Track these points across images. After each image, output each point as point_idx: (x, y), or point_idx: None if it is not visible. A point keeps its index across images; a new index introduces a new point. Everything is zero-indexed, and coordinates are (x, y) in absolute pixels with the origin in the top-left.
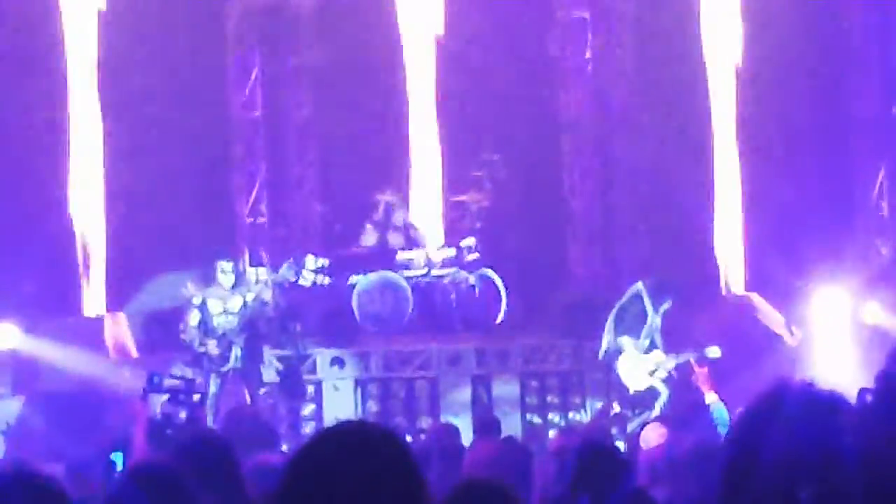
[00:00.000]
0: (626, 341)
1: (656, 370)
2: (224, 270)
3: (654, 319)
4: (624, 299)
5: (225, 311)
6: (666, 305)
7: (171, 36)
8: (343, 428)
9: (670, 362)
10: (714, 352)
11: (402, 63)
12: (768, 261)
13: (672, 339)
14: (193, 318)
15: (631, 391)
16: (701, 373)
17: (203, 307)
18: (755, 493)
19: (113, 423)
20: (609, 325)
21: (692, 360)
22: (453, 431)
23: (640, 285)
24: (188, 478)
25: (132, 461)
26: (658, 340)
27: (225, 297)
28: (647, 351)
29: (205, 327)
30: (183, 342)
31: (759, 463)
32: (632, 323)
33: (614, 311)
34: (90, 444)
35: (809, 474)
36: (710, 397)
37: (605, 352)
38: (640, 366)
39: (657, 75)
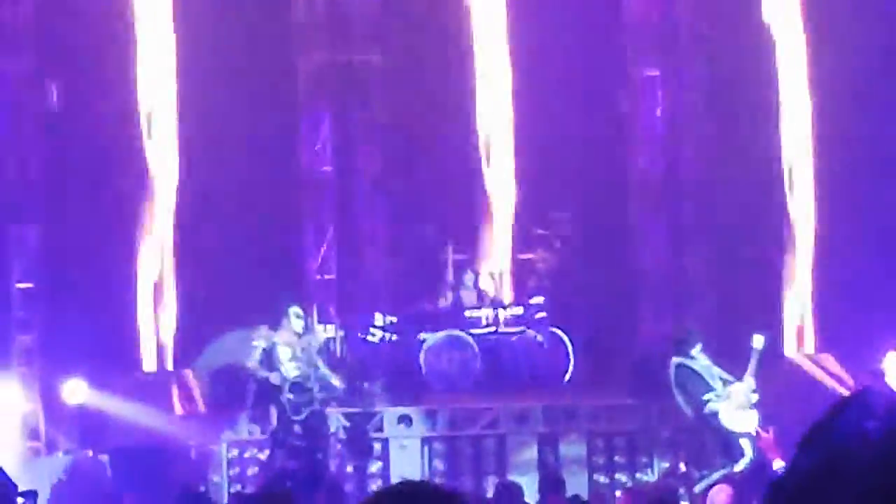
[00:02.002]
0: (711, 403)
1: (747, 398)
2: (298, 315)
3: (701, 364)
4: (672, 382)
5: (294, 357)
6: (697, 348)
7: (245, 91)
8: (401, 488)
9: (749, 382)
10: (758, 340)
11: (472, 120)
12: (840, 322)
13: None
14: (255, 357)
15: (753, 431)
16: (766, 439)
17: (273, 352)
18: None
19: (178, 477)
20: (686, 409)
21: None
22: (517, 490)
23: (672, 363)
24: None
25: None
26: (723, 374)
27: (293, 343)
28: (726, 389)
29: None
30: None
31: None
32: (696, 387)
33: (676, 394)
34: (156, 498)
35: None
36: (778, 464)
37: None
38: (736, 407)
39: (728, 133)
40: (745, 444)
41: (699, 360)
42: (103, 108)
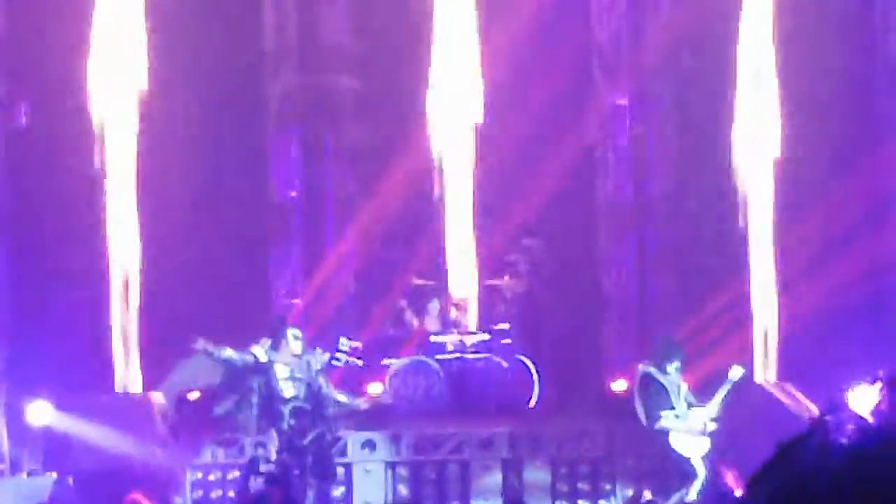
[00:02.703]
0: (665, 420)
1: (706, 427)
2: (296, 336)
3: (672, 381)
4: (636, 387)
5: (291, 377)
6: (675, 364)
7: (214, 113)
8: None
9: (713, 410)
10: (736, 371)
11: (438, 146)
12: (803, 350)
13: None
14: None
15: (694, 461)
16: (729, 474)
17: (270, 370)
18: None
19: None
20: (641, 416)
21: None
22: None
23: (640, 367)
24: None
25: None
26: (692, 398)
27: (291, 364)
28: (688, 411)
29: (269, 389)
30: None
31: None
32: (657, 400)
33: (636, 400)
34: None
35: None
36: (739, 492)
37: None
38: (690, 431)
39: (695, 161)
40: (696, 464)
41: (671, 376)
42: (71, 130)
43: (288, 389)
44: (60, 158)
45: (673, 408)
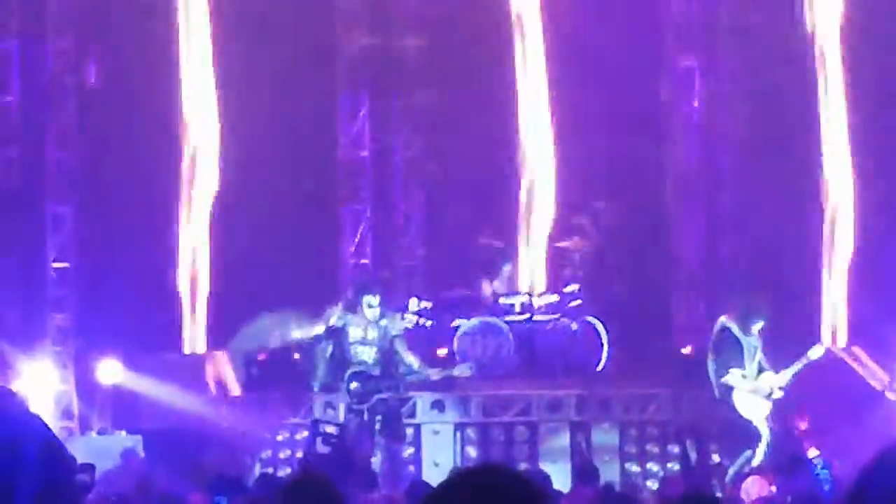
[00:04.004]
0: (732, 377)
1: (772, 392)
2: (371, 304)
3: (750, 342)
4: (713, 338)
5: (362, 341)
6: (759, 325)
7: (284, 75)
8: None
9: (784, 378)
10: (817, 351)
11: (511, 107)
12: (875, 315)
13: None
14: (326, 336)
15: (755, 422)
16: (802, 426)
17: (343, 331)
18: None
19: (211, 460)
20: (710, 367)
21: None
22: (545, 479)
23: (722, 319)
24: None
25: None
26: (764, 362)
27: (365, 326)
28: (758, 375)
29: (340, 352)
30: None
31: None
32: (730, 357)
33: (709, 352)
34: (191, 481)
35: None
36: (812, 452)
37: (718, 393)
38: (756, 393)
39: (766, 124)
40: (760, 426)
41: (751, 337)
42: (142, 88)
43: (359, 353)
44: (131, 118)
45: (743, 367)
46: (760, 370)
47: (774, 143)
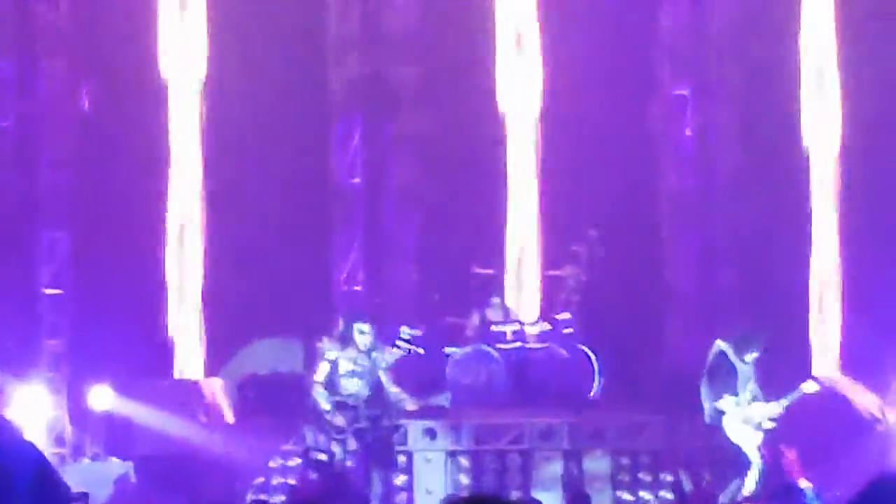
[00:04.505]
0: (724, 402)
1: (762, 421)
2: (363, 332)
3: (744, 370)
4: (709, 363)
5: (352, 373)
6: (754, 354)
7: (277, 101)
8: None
9: (775, 409)
10: (810, 386)
11: (501, 134)
12: (864, 343)
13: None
14: (321, 373)
15: (744, 449)
16: (790, 460)
17: (334, 364)
18: None
19: (203, 486)
20: (703, 391)
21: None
22: None
23: (719, 343)
24: None
25: None
26: (757, 391)
27: (355, 358)
28: (750, 403)
29: (329, 385)
30: (311, 398)
31: None
32: (724, 382)
33: (704, 377)
34: None
35: None
36: (804, 483)
37: (710, 417)
38: (746, 421)
39: (757, 152)
40: (750, 454)
41: (746, 366)
42: (133, 114)
43: (348, 385)
44: (123, 143)
45: (736, 394)
46: (753, 398)
47: (766, 170)
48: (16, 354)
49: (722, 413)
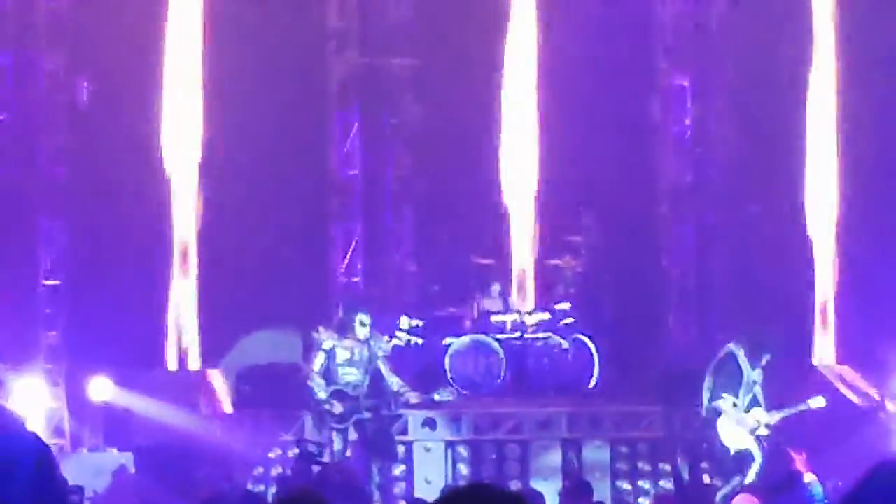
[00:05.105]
0: (723, 402)
1: (757, 427)
2: (363, 323)
3: (752, 375)
4: (717, 360)
5: (349, 362)
6: (765, 360)
7: (275, 92)
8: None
9: (773, 418)
10: (818, 402)
11: (500, 125)
12: (863, 333)
13: (768, 392)
14: (318, 362)
15: (732, 451)
16: (800, 460)
17: (330, 353)
18: None
19: (203, 476)
20: (706, 386)
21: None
22: (538, 499)
23: (732, 346)
24: None
25: None
26: (759, 397)
27: (352, 347)
28: (748, 408)
29: (326, 374)
30: (308, 387)
31: None
32: (727, 383)
33: (709, 372)
34: (182, 498)
35: None
36: (809, 476)
37: (706, 412)
38: (741, 425)
39: (756, 143)
40: (753, 450)
41: (754, 371)
42: (131, 106)
43: (346, 374)
44: (120, 135)
45: (737, 396)
46: (753, 404)
47: (765, 160)
48: (14, 346)
49: (719, 413)
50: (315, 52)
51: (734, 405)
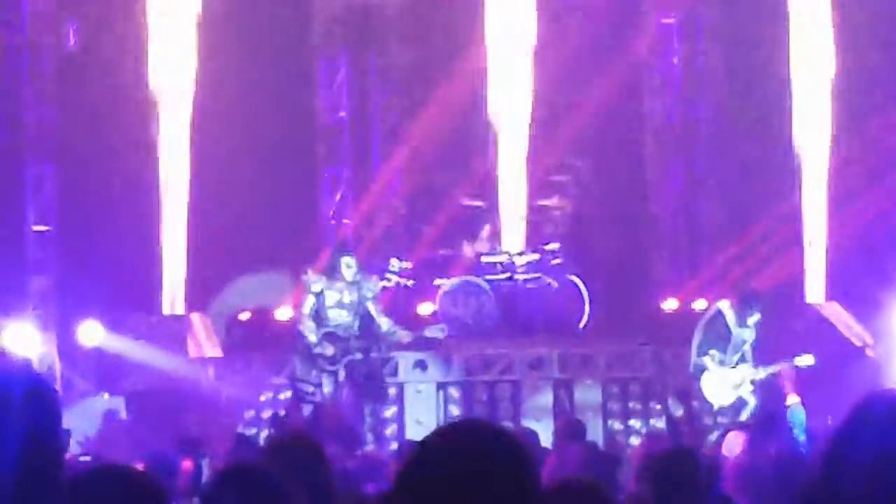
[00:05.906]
0: (709, 359)
1: (741, 384)
2: (349, 265)
3: (742, 333)
4: (706, 318)
5: (339, 304)
6: (755, 318)
7: (259, 38)
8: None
9: (759, 373)
10: (806, 360)
11: (487, 65)
12: (852, 270)
13: (760, 348)
14: (307, 305)
15: (715, 407)
16: (789, 374)
17: (320, 296)
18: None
19: (193, 421)
20: (694, 343)
21: (783, 370)
22: (532, 437)
23: (721, 304)
24: (280, 477)
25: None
26: (748, 354)
27: (342, 290)
28: (735, 365)
29: (317, 317)
30: (298, 330)
31: (850, 473)
32: (714, 340)
33: (698, 328)
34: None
35: None
36: (792, 399)
37: (693, 367)
38: (725, 381)
39: (744, 81)
40: (746, 395)
41: (745, 330)
42: (119, 49)
43: (335, 317)
44: (109, 80)
45: (724, 354)
46: (739, 361)
47: (753, 100)
48: (3, 292)
49: (704, 369)
50: None
51: (721, 362)
